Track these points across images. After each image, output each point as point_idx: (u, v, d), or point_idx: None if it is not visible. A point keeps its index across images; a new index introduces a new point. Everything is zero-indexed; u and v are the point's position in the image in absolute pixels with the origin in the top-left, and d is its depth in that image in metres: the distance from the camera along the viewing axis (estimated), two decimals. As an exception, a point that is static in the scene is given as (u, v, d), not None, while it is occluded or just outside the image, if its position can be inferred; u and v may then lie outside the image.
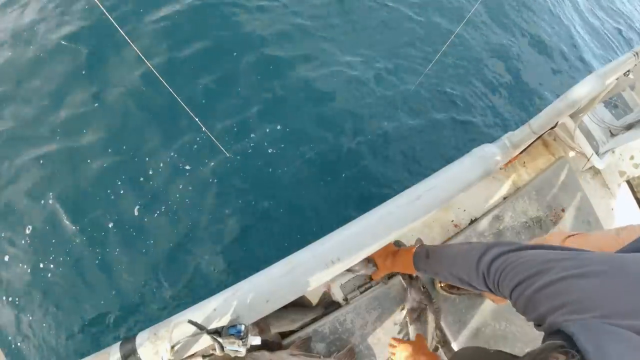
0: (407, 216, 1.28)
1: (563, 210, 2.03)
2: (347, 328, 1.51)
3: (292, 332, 1.47)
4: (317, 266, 1.16)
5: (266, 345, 1.43)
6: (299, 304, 1.51)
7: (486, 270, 0.87)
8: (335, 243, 1.22)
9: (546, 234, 1.95)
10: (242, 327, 0.90)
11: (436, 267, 1.14)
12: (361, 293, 1.58)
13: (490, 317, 1.72)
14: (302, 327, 1.48)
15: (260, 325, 1.40)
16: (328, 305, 1.54)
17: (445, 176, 1.41)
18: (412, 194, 1.34)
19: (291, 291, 1.12)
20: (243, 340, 0.87)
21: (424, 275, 1.65)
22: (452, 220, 1.83)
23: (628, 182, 2.28)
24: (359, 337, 1.52)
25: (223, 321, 1.00)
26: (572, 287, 0.62)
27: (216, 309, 1.02)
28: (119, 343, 0.98)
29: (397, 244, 1.72)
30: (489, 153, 1.48)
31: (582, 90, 1.65)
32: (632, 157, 2.18)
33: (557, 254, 0.73)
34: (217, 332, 0.89)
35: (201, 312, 1.02)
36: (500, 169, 1.97)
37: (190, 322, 0.91)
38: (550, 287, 0.65)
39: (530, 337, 1.71)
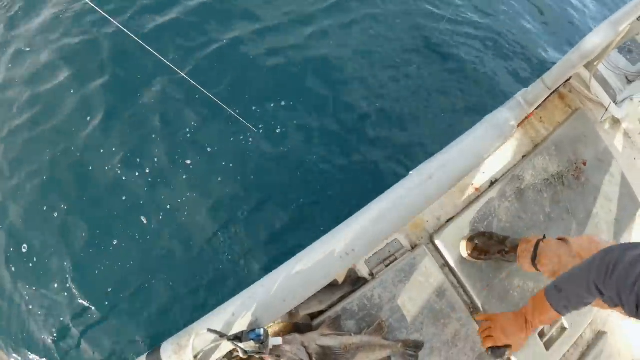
0: (421, 198, 1.22)
1: (584, 164, 1.97)
2: (376, 303, 1.48)
3: (321, 313, 1.44)
4: (332, 260, 1.12)
5: (297, 328, 1.41)
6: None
7: None
8: (349, 234, 1.17)
9: (569, 189, 1.89)
10: (262, 331, 0.87)
11: (577, 298, 1.02)
12: (386, 266, 1.54)
13: (518, 279, 1.69)
14: (330, 307, 1.45)
15: (290, 310, 1.37)
16: (354, 282, 1.51)
17: (458, 149, 1.33)
18: (424, 173, 1.28)
19: (307, 288, 1.09)
20: (263, 343, 0.84)
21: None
22: (472, 184, 1.77)
23: (649, 128, 2.20)
24: (388, 311, 1.49)
25: (242, 324, 0.98)
26: None
27: (234, 313, 1.01)
28: (145, 355, 0.96)
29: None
30: (502, 119, 1.39)
31: (596, 39, 1.56)
32: (652, 102, 2.09)
33: None
34: (237, 338, 0.87)
35: (220, 317, 1.01)
36: (518, 126, 1.89)
37: (210, 330, 0.90)
38: None
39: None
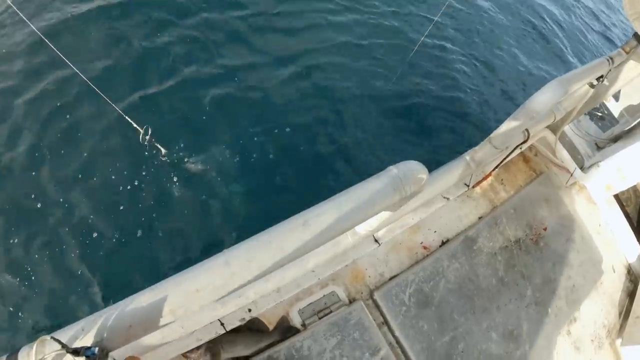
0: (291, 247, 1.13)
1: (545, 229, 1.94)
2: (304, 355, 1.46)
3: (246, 358, 1.44)
4: (184, 297, 1.10)
5: (219, 373, 1.40)
6: (254, 329, 1.48)
7: None
8: (210, 272, 1.13)
9: (526, 254, 1.86)
10: (96, 350, 0.94)
11: None
12: (320, 318, 1.53)
13: (463, 343, 1.63)
14: (256, 353, 1.44)
15: (213, 350, 1.37)
16: (285, 330, 1.50)
17: (343, 200, 1.22)
18: (298, 220, 1.17)
19: (153, 320, 1.09)
20: None
21: None
22: (421, 242, 1.76)
23: (616, 196, 2.17)
24: (316, 365, 1.47)
25: (86, 341, 1.03)
26: None
27: (84, 328, 1.05)
28: (5, 356, 1.02)
29: None
30: (407, 172, 1.25)
31: (543, 97, 1.53)
32: (619, 169, 2.07)
33: None
34: (76, 352, 0.93)
35: (72, 330, 1.06)
36: (473, 187, 1.91)
37: (53, 338, 0.93)
38: None
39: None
